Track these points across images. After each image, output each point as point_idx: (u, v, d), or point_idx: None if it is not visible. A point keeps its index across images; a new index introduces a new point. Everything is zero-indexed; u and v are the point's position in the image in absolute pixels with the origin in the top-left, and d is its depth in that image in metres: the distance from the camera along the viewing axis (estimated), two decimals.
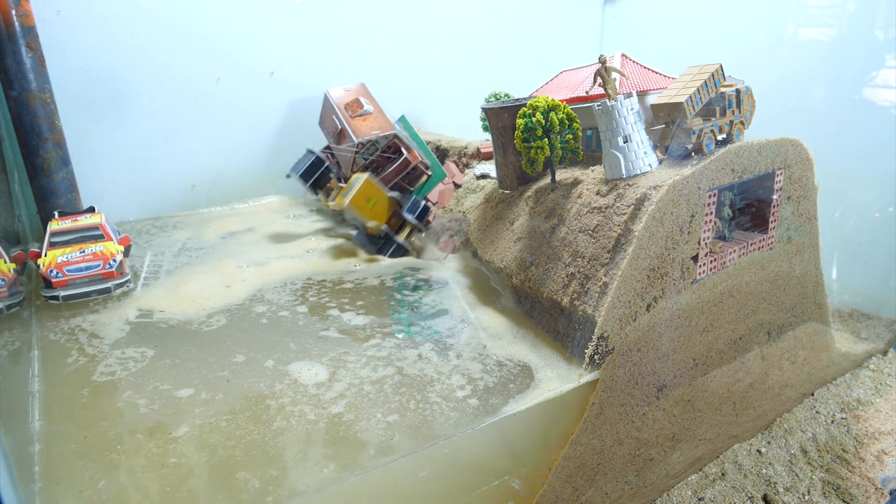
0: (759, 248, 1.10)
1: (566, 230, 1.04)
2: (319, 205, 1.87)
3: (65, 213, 1.35)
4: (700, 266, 1.00)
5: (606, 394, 0.92)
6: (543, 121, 1.06)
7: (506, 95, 1.50)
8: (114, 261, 1.20)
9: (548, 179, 1.16)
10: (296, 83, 1.91)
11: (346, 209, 1.42)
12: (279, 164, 1.96)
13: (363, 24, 1.99)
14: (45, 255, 1.19)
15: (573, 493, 0.93)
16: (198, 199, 1.85)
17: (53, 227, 1.26)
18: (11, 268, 1.15)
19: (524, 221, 1.15)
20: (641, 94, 1.12)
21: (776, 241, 1.13)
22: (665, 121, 1.00)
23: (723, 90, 1.01)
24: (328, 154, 1.82)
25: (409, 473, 0.78)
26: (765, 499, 1.01)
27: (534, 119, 1.06)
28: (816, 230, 1.21)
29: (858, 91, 1.56)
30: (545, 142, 1.07)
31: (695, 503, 1.01)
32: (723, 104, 1.01)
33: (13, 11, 1.34)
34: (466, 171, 1.73)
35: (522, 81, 1.53)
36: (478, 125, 1.61)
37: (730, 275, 1.06)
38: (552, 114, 1.06)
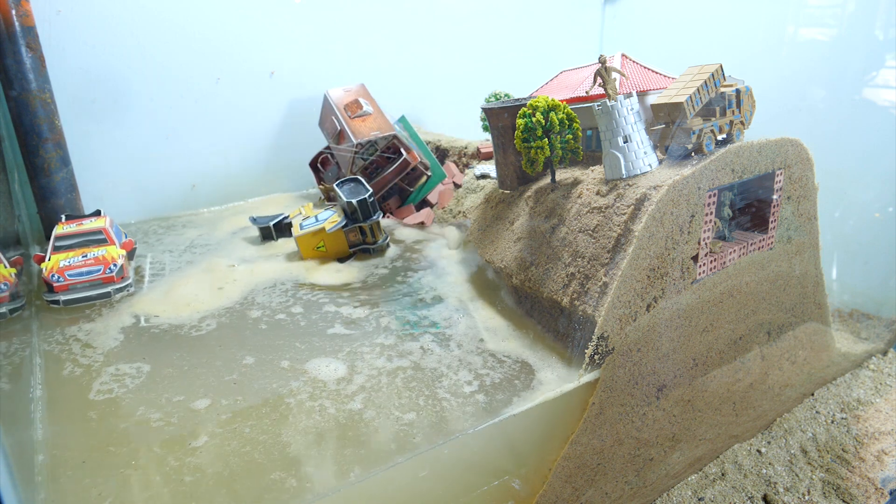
0: (759, 248, 1.10)
1: (566, 230, 1.04)
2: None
3: (71, 217, 1.35)
4: (700, 266, 1.00)
5: (606, 394, 0.92)
6: (543, 121, 1.06)
7: (506, 95, 1.50)
8: (114, 265, 1.19)
9: (548, 179, 1.16)
10: (296, 83, 1.92)
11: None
12: (279, 164, 1.96)
13: (363, 24, 1.99)
14: (49, 259, 1.18)
15: (573, 493, 0.93)
16: (198, 199, 1.85)
17: (58, 231, 1.26)
18: (13, 272, 1.15)
19: (524, 221, 1.15)
20: (641, 94, 1.12)
21: (776, 241, 1.13)
22: (665, 121, 1.00)
23: (723, 90, 1.01)
24: (328, 154, 1.82)
25: (409, 473, 0.78)
26: (765, 499, 1.01)
27: (534, 119, 1.06)
28: (816, 230, 1.21)
29: (858, 91, 1.56)
30: (545, 142, 1.07)
31: (695, 503, 1.01)
32: (723, 104, 1.01)
33: (13, 11, 1.34)
34: (466, 171, 1.73)
35: (522, 81, 1.53)
36: (478, 125, 1.60)
37: (730, 275, 1.06)
38: (552, 114, 1.06)
